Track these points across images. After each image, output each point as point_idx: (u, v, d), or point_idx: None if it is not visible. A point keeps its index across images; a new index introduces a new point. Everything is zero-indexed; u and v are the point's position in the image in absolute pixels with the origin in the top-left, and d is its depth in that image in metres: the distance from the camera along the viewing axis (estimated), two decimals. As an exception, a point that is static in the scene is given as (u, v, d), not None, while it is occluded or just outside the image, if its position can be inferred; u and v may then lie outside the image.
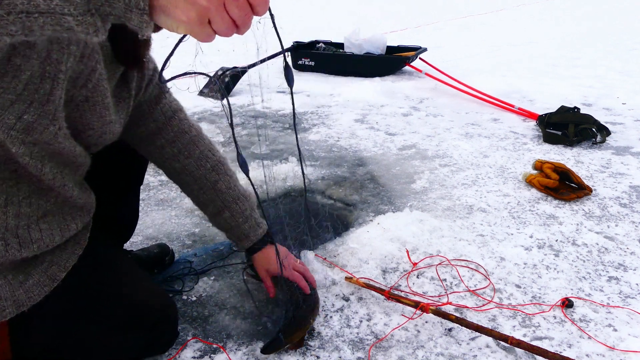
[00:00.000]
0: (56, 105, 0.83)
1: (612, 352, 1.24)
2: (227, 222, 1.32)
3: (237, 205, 1.31)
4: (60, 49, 0.80)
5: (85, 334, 1.05)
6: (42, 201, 0.95)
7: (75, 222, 1.04)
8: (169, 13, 0.61)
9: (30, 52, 0.75)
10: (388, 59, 4.55)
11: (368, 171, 2.40)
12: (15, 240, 0.92)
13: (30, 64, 0.76)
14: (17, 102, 0.78)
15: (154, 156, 1.28)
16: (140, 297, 1.12)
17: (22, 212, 0.92)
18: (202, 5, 0.60)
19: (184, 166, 1.27)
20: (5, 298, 0.93)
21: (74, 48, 0.82)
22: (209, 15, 0.61)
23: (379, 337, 1.29)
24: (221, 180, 1.30)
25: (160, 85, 1.21)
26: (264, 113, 3.49)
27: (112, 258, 1.18)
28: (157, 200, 2.08)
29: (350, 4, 13.12)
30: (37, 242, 0.96)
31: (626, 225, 1.87)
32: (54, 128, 0.85)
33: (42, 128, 0.83)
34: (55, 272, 1.00)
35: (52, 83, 0.80)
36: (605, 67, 4.85)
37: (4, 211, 0.89)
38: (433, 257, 1.65)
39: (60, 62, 0.80)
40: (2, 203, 0.89)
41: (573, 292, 1.48)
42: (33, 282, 0.97)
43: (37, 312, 0.97)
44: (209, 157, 1.29)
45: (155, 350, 1.22)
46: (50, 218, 0.98)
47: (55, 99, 0.82)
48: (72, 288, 1.02)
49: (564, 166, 2.15)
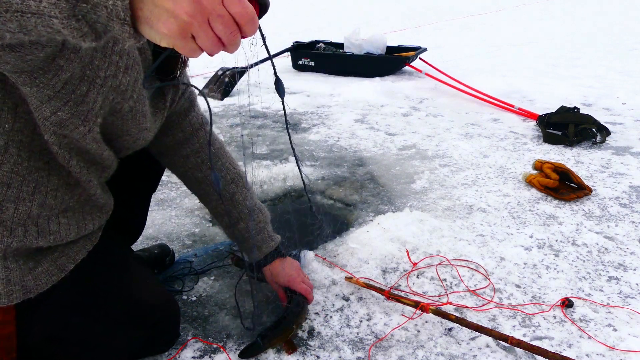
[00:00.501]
0: (90, 107, 0.87)
1: (612, 352, 1.24)
2: (241, 234, 1.35)
3: (252, 218, 1.35)
4: (103, 57, 0.84)
5: (88, 328, 1.06)
6: (67, 196, 0.99)
7: (93, 221, 1.08)
8: (151, 25, 0.60)
9: (74, 56, 0.79)
10: (388, 59, 4.56)
11: (368, 171, 2.40)
12: (34, 229, 0.95)
13: (72, 66, 0.80)
14: (54, 99, 0.82)
15: (177, 165, 1.32)
16: (144, 296, 1.14)
17: (46, 203, 0.95)
18: (184, 19, 0.59)
19: (206, 176, 1.31)
20: (14, 282, 0.96)
21: (115, 58, 0.87)
22: (192, 30, 0.60)
23: (379, 337, 1.29)
24: (239, 192, 1.34)
25: (190, 99, 1.26)
26: (263, 113, 3.49)
27: (121, 257, 1.20)
28: (157, 200, 2.08)
29: (350, 4, 13.12)
30: (54, 234, 0.99)
31: (626, 225, 1.87)
32: (83, 129, 0.89)
33: (73, 127, 0.87)
34: (64, 263, 1.02)
35: (88, 86, 0.84)
36: (605, 67, 4.85)
37: (31, 199, 0.93)
38: (433, 257, 1.65)
39: (100, 69, 0.85)
40: (30, 191, 0.92)
41: (573, 292, 1.48)
42: (42, 269, 0.99)
43: (44, 301, 0.99)
44: (229, 170, 1.34)
45: (156, 349, 1.22)
46: (70, 214, 1.01)
47: (90, 101, 0.86)
48: (80, 282, 1.04)
49: (564, 166, 2.16)
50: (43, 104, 0.82)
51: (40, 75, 0.78)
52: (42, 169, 0.92)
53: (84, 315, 1.05)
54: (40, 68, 0.77)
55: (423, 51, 4.56)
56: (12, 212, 0.92)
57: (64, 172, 0.96)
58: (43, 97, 0.81)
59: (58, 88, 0.81)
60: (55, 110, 0.83)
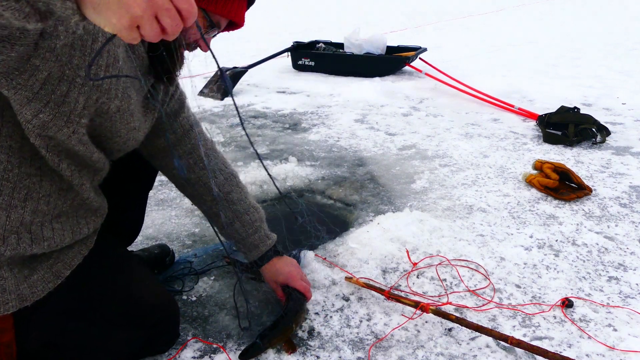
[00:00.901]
0: (72, 107, 0.86)
1: (612, 352, 1.24)
2: (237, 233, 1.35)
3: (247, 217, 1.35)
4: (82, 56, 0.83)
5: (84, 332, 1.06)
6: (60, 201, 0.98)
7: (88, 225, 1.07)
8: (99, 12, 0.61)
9: (50, 54, 0.79)
10: (388, 59, 4.56)
11: (368, 171, 2.40)
12: (27, 236, 0.94)
13: (49, 66, 0.79)
14: (33, 101, 0.81)
15: (169, 167, 1.31)
16: (143, 296, 1.14)
17: (39, 209, 0.94)
18: (135, 14, 0.61)
19: (199, 177, 1.30)
20: (10, 291, 0.95)
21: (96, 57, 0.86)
22: (140, 23, 0.63)
23: (379, 337, 1.29)
24: (233, 191, 1.34)
25: (180, 100, 1.25)
26: (263, 113, 3.49)
27: (118, 258, 1.19)
28: (157, 200, 2.08)
29: (350, 4, 13.12)
30: (48, 241, 0.98)
31: (626, 225, 1.87)
32: (67, 130, 0.87)
33: (57, 128, 0.86)
34: (60, 269, 1.01)
35: (68, 86, 0.83)
36: (605, 67, 4.85)
37: (23, 206, 0.92)
38: (433, 257, 1.65)
39: (80, 68, 0.84)
40: (22, 197, 0.91)
41: (573, 292, 1.48)
42: (37, 277, 0.98)
43: (41, 307, 0.98)
44: (222, 170, 1.33)
45: (155, 350, 1.22)
46: (64, 219, 1.00)
47: (71, 101, 0.85)
48: (76, 286, 1.03)
49: (564, 166, 2.15)
50: (23, 106, 0.81)
51: (16, 76, 0.77)
52: (33, 175, 0.91)
53: (80, 319, 1.05)
54: (15, 69, 0.76)
55: (423, 51, 4.56)
56: (4, 220, 0.90)
57: (56, 176, 0.95)
58: (22, 99, 0.80)
59: (36, 89, 0.80)
60: (36, 112, 0.82)
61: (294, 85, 4.29)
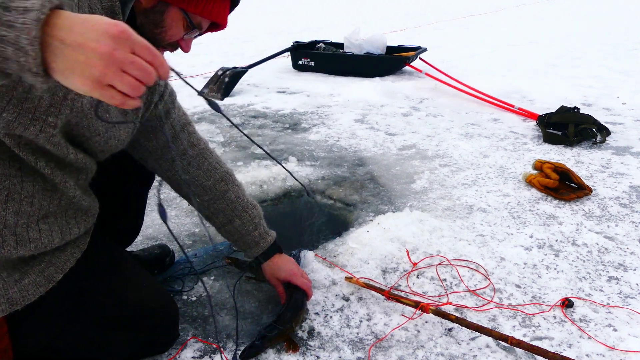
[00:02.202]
0: (35, 104, 0.82)
1: (612, 352, 1.24)
2: (237, 231, 1.34)
3: (246, 214, 1.34)
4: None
5: (82, 335, 1.05)
6: (46, 202, 0.95)
7: (78, 225, 1.05)
8: (66, 77, 0.61)
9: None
10: (388, 59, 4.56)
11: (368, 171, 2.40)
12: (12, 238, 0.93)
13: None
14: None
15: (163, 169, 1.29)
16: (141, 297, 1.13)
17: (22, 211, 0.92)
18: (95, 74, 0.60)
19: (194, 177, 1.29)
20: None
21: None
22: (108, 81, 0.62)
23: (379, 337, 1.29)
24: (230, 190, 1.33)
25: (170, 101, 1.23)
26: (263, 113, 3.49)
27: (114, 259, 1.18)
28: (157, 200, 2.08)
29: (350, 4, 13.12)
30: (35, 242, 0.96)
31: (626, 225, 1.87)
32: (34, 129, 0.84)
33: (23, 127, 0.82)
34: (52, 273, 1.00)
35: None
36: (605, 67, 4.85)
37: (4, 207, 0.90)
38: (433, 257, 1.65)
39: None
40: (3, 199, 0.89)
41: (573, 292, 1.48)
42: (29, 281, 0.96)
43: (36, 311, 0.97)
44: (217, 169, 1.32)
45: (155, 350, 1.22)
46: (51, 220, 0.98)
47: (34, 98, 0.81)
48: (73, 290, 1.02)
49: (564, 166, 2.15)
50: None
51: None
52: (13, 176, 0.89)
53: (78, 322, 1.04)
54: None
55: (423, 51, 4.56)
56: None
57: (39, 177, 0.92)
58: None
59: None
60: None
61: (294, 85, 4.28)
